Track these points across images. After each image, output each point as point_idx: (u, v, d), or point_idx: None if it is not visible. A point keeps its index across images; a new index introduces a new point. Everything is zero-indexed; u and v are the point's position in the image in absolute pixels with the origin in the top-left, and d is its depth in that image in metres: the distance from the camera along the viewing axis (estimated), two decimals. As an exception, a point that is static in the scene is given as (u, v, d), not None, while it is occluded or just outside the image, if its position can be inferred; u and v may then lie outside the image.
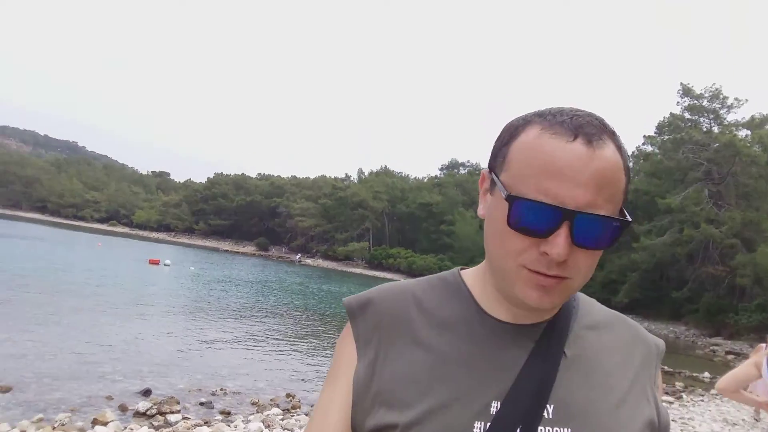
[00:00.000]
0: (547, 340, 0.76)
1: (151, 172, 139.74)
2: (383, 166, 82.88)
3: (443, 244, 59.41)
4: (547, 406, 0.71)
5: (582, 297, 0.85)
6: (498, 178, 0.71)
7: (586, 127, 0.68)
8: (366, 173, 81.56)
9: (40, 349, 9.69)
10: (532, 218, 0.67)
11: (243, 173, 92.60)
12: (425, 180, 76.17)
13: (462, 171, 77.69)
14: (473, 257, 57.08)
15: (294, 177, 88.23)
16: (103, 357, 9.80)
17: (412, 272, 60.26)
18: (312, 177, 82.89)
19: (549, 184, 0.66)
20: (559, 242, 0.66)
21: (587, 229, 0.66)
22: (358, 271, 60.46)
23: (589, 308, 0.83)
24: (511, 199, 0.68)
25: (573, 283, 0.70)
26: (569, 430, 0.70)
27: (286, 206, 75.23)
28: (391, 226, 68.97)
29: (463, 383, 0.73)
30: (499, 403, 0.71)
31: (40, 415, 6.47)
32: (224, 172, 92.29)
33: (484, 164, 0.78)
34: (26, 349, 9.56)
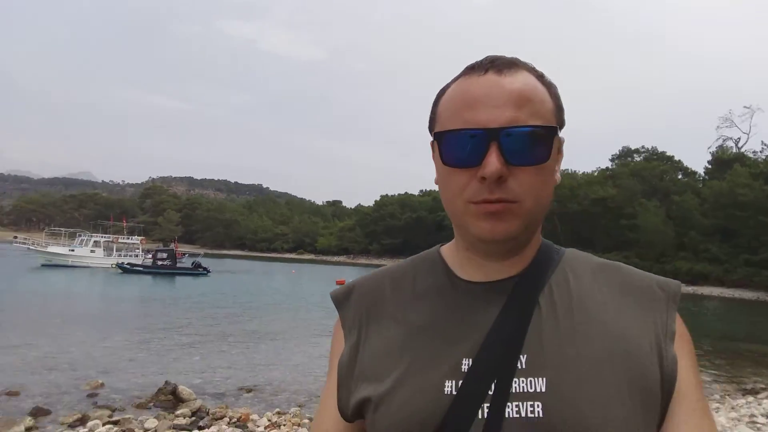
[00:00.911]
0: (519, 292, 0.73)
1: (326, 201, 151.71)
2: (547, 165, 79.64)
3: (626, 240, 55.19)
4: (521, 357, 0.68)
5: (570, 251, 0.82)
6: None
7: (496, 61, 0.71)
8: (529, 175, 79.26)
9: (267, 360, 11.39)
10: (461, 148, 0.68)
11: (406, 192, 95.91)
12: (595, 173, 71.59)
13: (637, 158, 71.49)
14: (663, 251, 52.18)
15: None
16: (316, 363, 11.09)
17: (593, 272, 56.56)
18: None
19: (469, 114, 0.68)
20: (490, 161, 0.66)
21: (517, 145, 0.67)
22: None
23: (575, 260, 0.79)
24: (439, 136, 0.71)
25: (523, 206, 0.69)
26: (545, 379, 0.67)
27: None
28: (563, 227, 65.96)
29: (433, 346, 0.72)
30: (470, 360, 0.69)
31: (278, 409, 7.67)
32: (389, 194, 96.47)
33: (662, 147, 0.77)
34: (257, 361, 11.33)
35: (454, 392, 0.68)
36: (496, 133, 0.66)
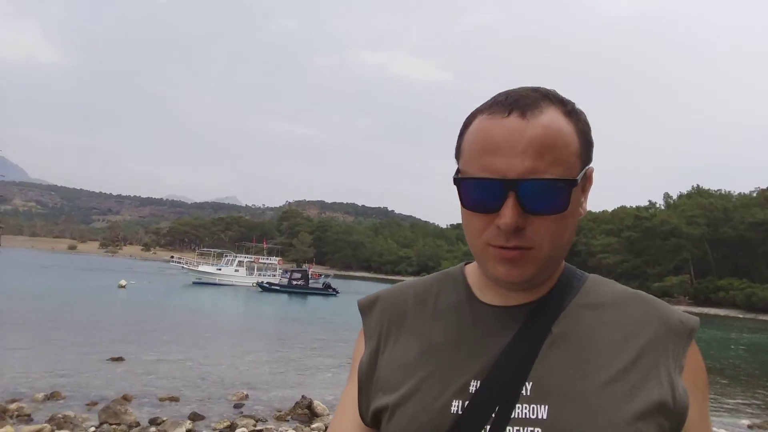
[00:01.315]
0: (534, 319, 0.75)
1: (450, 225, 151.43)
2: (695, 185, 72.73)
3: (792, 269, 48.35)
4: (526, 384, 0.70)
5: (593, 277, 0.82)
6: (458, 167, 0.75)
7: (521, 101, 0.70)
8: (674, 197, 73.06)
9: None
10: (480, 195, 0.70)
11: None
12: (754, 194, 63.87)
13: (805, 177, 62.53)
14: (842, 282, 44.90)
15: (589, 212, 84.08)
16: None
17: (752, 306, 50.46)
18: (609, 210, 77.86)
19: (489, 161, 0.68)
20: (506, 213, 0.67)
21: (534, 195, 0.67)
22: (681, 308, 53.55)
23: (597, 287, 0.79)
24: (458, 182, 0.72)
25: (539, 252, 0.70)
26: (546, 407, 0.68)
27: (585, 244, 72.14)
28: (716, 254, 59.56)
29: (446, 364, 0.75)
30: (479, 382, 0.72)
31: None
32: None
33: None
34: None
35: (460, 412, 0.71)
36: (514, 184, 0.67)
